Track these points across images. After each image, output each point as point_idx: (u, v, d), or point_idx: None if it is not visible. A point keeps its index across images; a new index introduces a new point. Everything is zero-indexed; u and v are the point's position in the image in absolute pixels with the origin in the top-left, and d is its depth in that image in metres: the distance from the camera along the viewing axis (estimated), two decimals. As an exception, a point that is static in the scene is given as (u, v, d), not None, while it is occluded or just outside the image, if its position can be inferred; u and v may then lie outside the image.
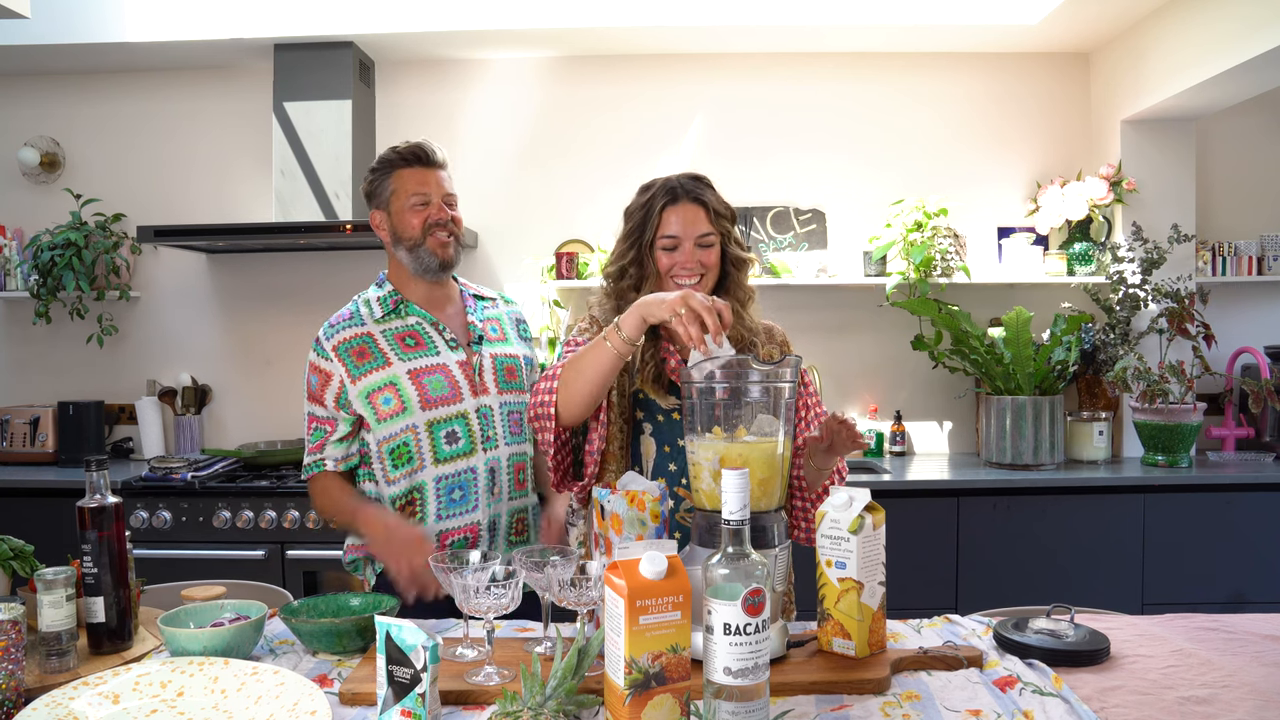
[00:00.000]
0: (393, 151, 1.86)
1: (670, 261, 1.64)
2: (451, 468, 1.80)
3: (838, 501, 1.37)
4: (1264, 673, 1.30)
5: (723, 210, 1.68)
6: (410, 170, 1.84)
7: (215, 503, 3.05)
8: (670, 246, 1.63)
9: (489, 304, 2.00)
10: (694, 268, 1.63)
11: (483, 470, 1.81)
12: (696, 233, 1.63)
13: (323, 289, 3.65)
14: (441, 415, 1.80)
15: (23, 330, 3.71)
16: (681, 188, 1.65)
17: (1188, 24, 3.01)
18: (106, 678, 1.23)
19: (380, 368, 1.80)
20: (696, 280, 1.64)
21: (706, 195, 1.66)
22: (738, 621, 1.07)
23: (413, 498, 1.81)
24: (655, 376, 1.66)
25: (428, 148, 1.85)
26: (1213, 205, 3.61)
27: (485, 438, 1.82)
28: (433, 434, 1.79)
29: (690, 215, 1.63)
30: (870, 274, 3.47)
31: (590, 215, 3.62)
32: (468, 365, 1.85)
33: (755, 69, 3.64)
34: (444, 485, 1.80)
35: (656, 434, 1.68)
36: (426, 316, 1.87)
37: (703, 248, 1.64)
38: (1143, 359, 3.26)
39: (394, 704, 1.14)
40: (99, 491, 1.39)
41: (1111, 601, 2.19)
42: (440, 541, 1.79)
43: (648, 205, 1.65)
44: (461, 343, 1.88)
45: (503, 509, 1.85)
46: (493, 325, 1.95)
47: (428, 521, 1.80)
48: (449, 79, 3.66)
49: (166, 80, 3.68)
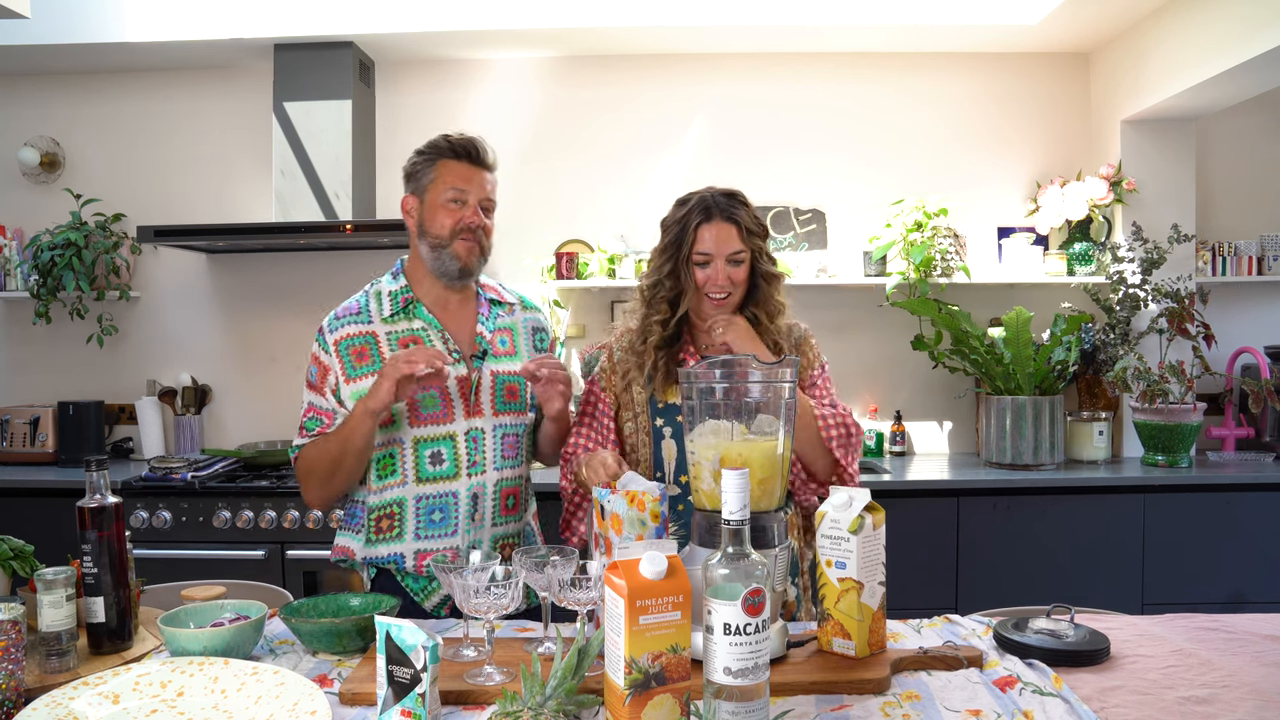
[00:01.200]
0: (444, 139, 1.79)
1: (704, 276, 1.71)
2: (433, 489, 1.75)
3: (838, 501, 1.37)
4: (1264, 673, 1.30)
5: (755, 228, 1.74)
6: (456, 164, 1.77)
7: (215, 503, 3.05)
8: (703, 262, 1.71)
9: (505, 310, 1.90)
10: (725, 285, 1.71)
11: (464, 495, 1.75)
12: (728, 250, 1.70)
13: (323, 289, 3.65)
14: (428, 434, 1.74)
15: (23, 330, 3.71)
16: (716, 205, 1.71)
17: (1188, 24, 3.01)
18: (106, 678, 1.23)
19: (375, 373, 1.71)
20: (726, 295, 1.72)
21: (740, 214, 1.72)
22: (738, 621, 1.07)
23: (392, 511, 1.76)
24: (666, 378, 1.74)
25: (480, 145, 1.79)
26: (1213, 205, 3.61)
27: (471, 463, 1.76)
28: (417, 452, 1.74)
29: (724, 234, 1.70)
30: (870, 274, 3.47)
31: (590, 215, 3.63)
32: (465, 382, 1.77)
33: (755, 69, 3.64)
34: (424, 505, 1.75)
35: (677, 435, 1.73)
36: (434, 323, 1.79)
37: (734, 264, 1.71)
38: (1143, 359, 3.26)
39: (394, 704, 1.14)
40: (99, 491, 1.39)
41: (1111, 601, 2.19)
42: (417, 561, 1.75)
43: (684, 221, 1.72)
44: (465, 355, 1.79)
45: (485, 534, 1.78)
46: (503, 337, 1.86)
47: (405, 539, 1.75)
48: (449, 79, 3.66)
49: (166, 80, 3.68)
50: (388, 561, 1.76)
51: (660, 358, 1.74)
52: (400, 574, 1.78)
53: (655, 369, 1.73)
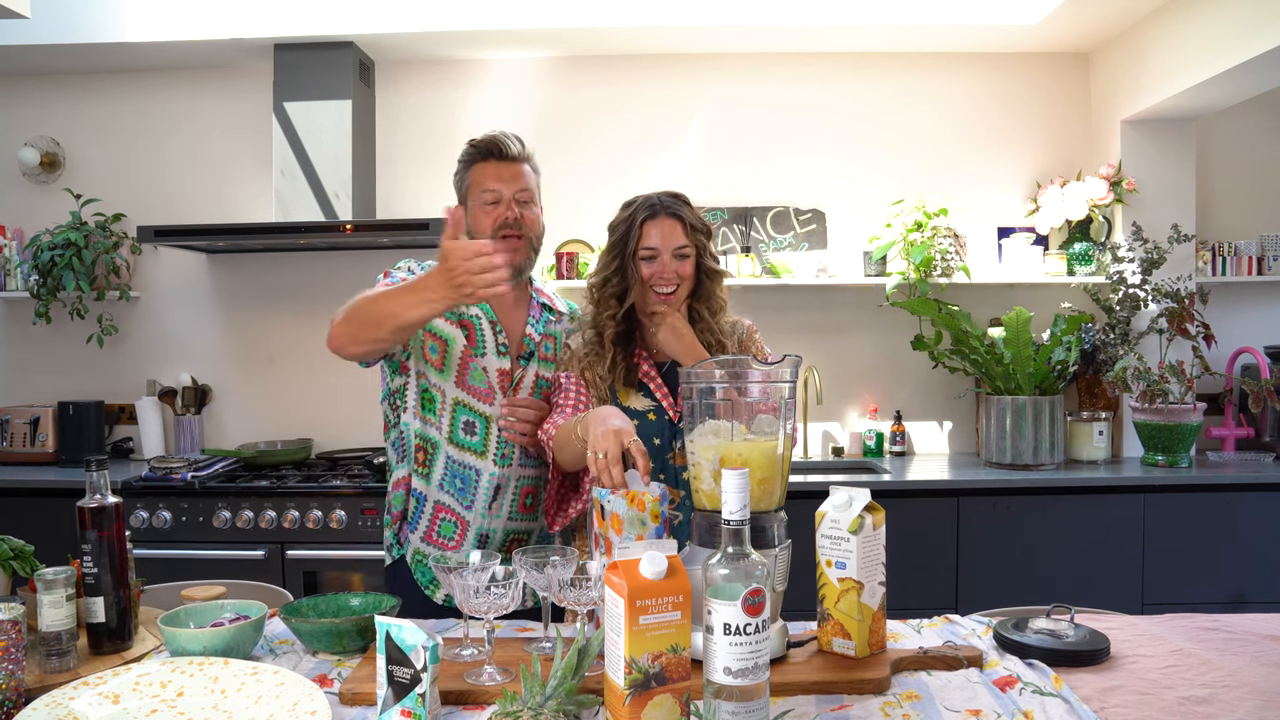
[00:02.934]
0: (470, 144, 1.82)
1: (650, 271, 1.74)
2: (460, 456, 1.79)
3: (838, 501, 1.37)
4: (1264, 673, 1.30)
5: (699, 225, 1.78)
6: (486, 165, 1.79)
7: (215, 503, 3.05)
8: (649, 257, 1.74)
9: (555, 318, 1.93)
10: (671, 277, 1.74)
11: (486, 478, 1.79)
12: (673, 245, 1.74)
13: (323, 289, 3.65)
14: (468, 402, 1.78)
15: (23, 330, 3.71)
16: (661, 204, 1.76)
17: (1188, 24, 3.01)
18: (106, 678, 1.23)
19: (444, 319, 1.78)
20: (673, 289, 1.75)
21: (683, 211, 1.77)
22: (738, 621, 1.07)
23: (428, 448, 1.80)
24: (626, 378, 1.76)
25: (502, 140, 1.80)
26: (1213, 205, 3.61)
27: (501, 454, 1.79)
28: (454, 412, 1.78)
29: (668, 229, 1.75)
30: (870, 274, 3.47)
31: (590, 215, 3.61)
32: (508, 376, 1.81)
33: (755, 69, 3.64)
34: (452, 465, 1.79)
35: None
36: (488, 312, 1.83)
37: (679, 259, 1.75)
38: (1143, 359, 3.26)
39: (394, 704, 1.14)
40: (99, 491, 1.39)
41: (1111, 601, 2.19)
42: (434, 513, 1.80)
43: (629, 219, 1.76)
44: (511, 352, 1.83)
45: (499, 525, 1.81)
46: (548, 343, 1.89)
47: (432, 482, 1.80)
48: (449, 79, 3.66)
49: (166, 80, 3.68)
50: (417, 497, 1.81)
51: (618, 355, 1.76)
52: (414, 564, 1.82)
53: (614, 365, 1.76)
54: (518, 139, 1.82)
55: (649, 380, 1.78)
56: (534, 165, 1.86)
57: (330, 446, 3.62)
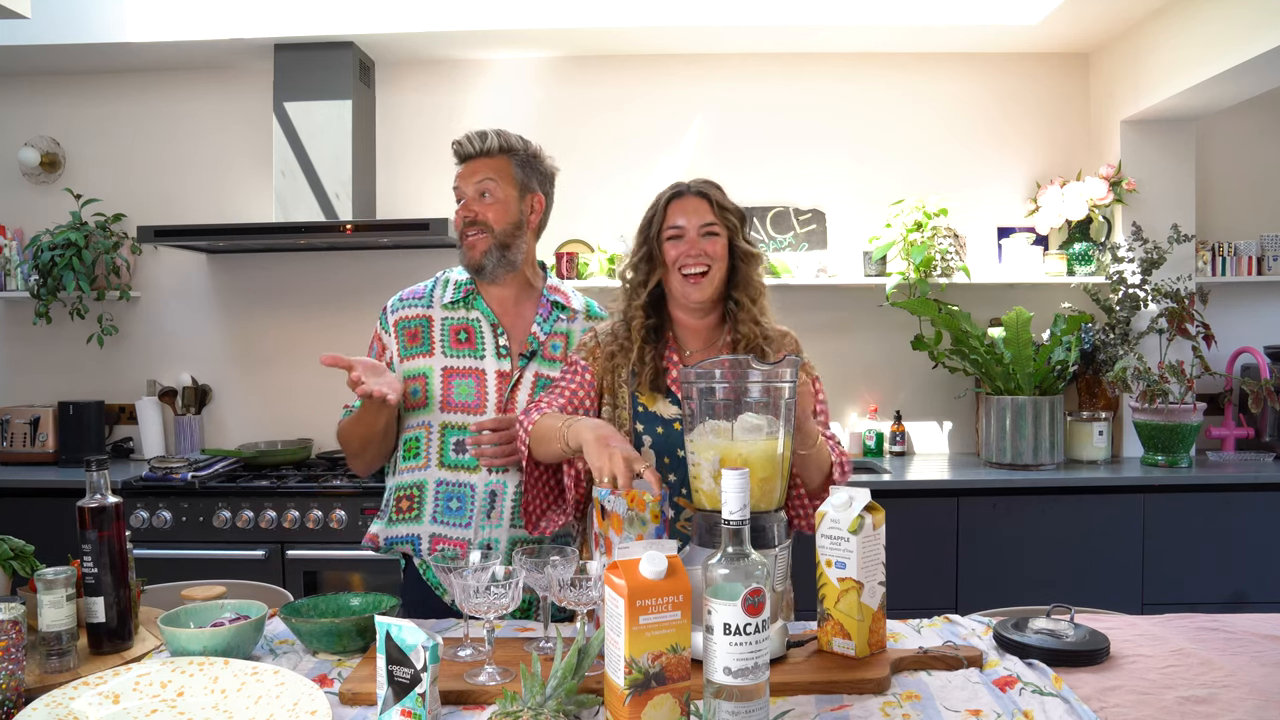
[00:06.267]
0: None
1: (676, 252, 1.64)
2: (453, 476, 1.77)
3: (838, 501, 1.37)
4: (1264, 673, 1.30)
5: (728, 205, 1.69)
6: (461, 166, 1.81)
7: (215, 503, 3.05)
8: (675, 236, 1.65)
9: (567, 316, 1.86)
10: (700, 256, 1.63)
11: (481, 489, 1.76)
12: (700, 222, 1.64)
13: (323, 289, 3.65)
14: (456, 421, 1.77)
15: (23, 330, 3.71)
16: (687, 185, 1.70)
17: (1188, 24, 3.01)
18: (106, 678, 1.23)
19: (423, 355, 1.79)
20: (704, 271, 1.63)
21: (710, 190, 1.68)
22: (738, 621, 1.07)
23: (412, 493, 1.79)
24: (654, 382, 1.66)
25: (465, 138, 1.78)
26: (1213, 205, 3.61)
27: None
28: (444, 437, 1.78)
29: (694, 206, 1.65)
30: (870, 274, 3.47)
31: (590, 215, 3.62)
32: (506, 378, 1.78)
33: (755, 69, 3.64)
34: (444, 491, 1.78)
35: (656, 445, 1.65)
36: (489, 315, 1.81)
37: (707, 236, 1.64)
38: (1143, 359, 3.26)
39: (394, 704, 1.14)
40: (99, 491, 1.39)
41: (1111, 601, 2.19)
42: (432, 545, 1.77)
43: (655, 203, 1.71)
44: (513, 352, 1.80)
45: (501, 534, 1.77)
46: (555, 342, 1.83)
47: (423, 521, 1.78)
48: (449, 79, 3.66)
49: (166, 80, 3.68)
50: (404, 542, 1.79)
51: (647, 353, 1.66)
52: (423, 565, 1.81)
53: (641, 363, 1.66)
54: (485, 135, 1.77)
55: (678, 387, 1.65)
56: (506, 148, 1.78)
57: (330, 446, 3.61)
